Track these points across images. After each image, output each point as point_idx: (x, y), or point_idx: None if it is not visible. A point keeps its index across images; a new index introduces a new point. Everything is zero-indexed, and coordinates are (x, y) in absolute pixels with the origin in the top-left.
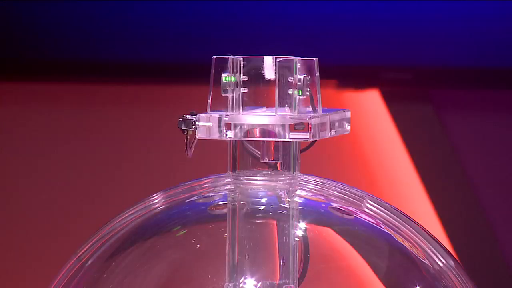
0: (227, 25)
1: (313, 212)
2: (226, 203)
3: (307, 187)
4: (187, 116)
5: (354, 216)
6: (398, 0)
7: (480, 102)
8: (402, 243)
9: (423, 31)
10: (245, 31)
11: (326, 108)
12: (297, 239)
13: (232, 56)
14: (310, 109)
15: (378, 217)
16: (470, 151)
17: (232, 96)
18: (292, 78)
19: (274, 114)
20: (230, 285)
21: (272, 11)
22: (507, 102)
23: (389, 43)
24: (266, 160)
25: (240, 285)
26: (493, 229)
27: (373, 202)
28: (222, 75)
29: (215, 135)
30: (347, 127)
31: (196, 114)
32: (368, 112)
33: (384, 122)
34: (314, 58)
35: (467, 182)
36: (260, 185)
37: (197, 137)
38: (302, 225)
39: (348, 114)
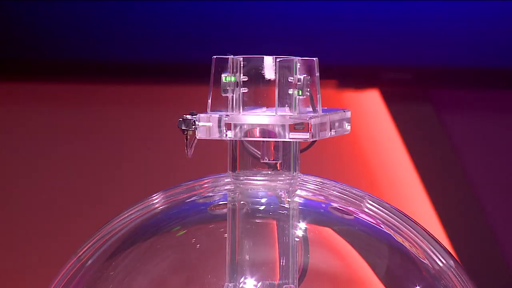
0: (227, 25)
1: (313, 212)
2: (226, 203)
3: (307, 187)
4: (187, 116)
5: (354, 216)
6: (398, 0)
7: (480, 102)
8: (402, 243)
9: (423, 31)
10: (245, 31)
11: (326, 108)
12: (297, 239)
13: (232, 56)
14: (310, 109)
15: (378, 217)
16: (470, 151)
17: (232, 96)
18: (292, 78)
19: (274, 114)
20: (230, 285)
21: (272, 11)
22: (507, 102)
23: (389, 43)
24: (266, 160)
25: (240, 285)
26: (493, 229)
27: (373, 202)
28: (222, 75)
29: (215, 135)
30: (347, 127)
31: (196, 114)
32: (368, 112)
33: (384, 122)
34: (314, 58)
35: (467, 182)
36: (260, 185)
37: (197, 137)
38: (302, 225)
39: (348, 114)
